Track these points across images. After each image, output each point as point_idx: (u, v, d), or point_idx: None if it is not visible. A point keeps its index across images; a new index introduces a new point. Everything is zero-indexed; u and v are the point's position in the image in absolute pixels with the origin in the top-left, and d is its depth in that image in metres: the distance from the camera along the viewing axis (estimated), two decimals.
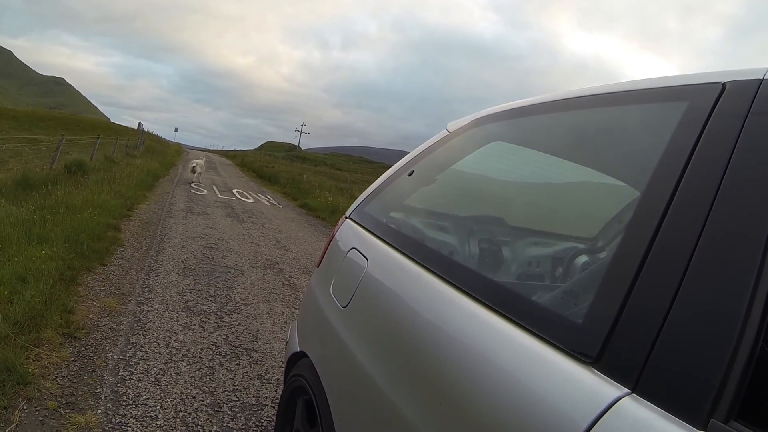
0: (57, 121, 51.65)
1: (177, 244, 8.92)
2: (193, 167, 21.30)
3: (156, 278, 6.65)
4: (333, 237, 2.90)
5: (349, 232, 2.74)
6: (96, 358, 4.12)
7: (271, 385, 4.27)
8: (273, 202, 19.96)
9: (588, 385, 1.10)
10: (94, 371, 3.90)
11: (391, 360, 1.79)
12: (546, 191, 2.79)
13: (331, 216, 17.07)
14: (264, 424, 3.64)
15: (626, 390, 1.04)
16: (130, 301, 5.63)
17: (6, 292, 4.62)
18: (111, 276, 6.35)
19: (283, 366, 2.87)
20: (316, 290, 2.71)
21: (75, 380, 3.72)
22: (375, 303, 2.09)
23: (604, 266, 1.31)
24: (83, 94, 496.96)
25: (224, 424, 3.53)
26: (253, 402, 3.93)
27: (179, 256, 8.09)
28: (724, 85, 1.29)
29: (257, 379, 4.33)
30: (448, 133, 2.65)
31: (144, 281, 6.42)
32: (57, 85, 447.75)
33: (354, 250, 2.49)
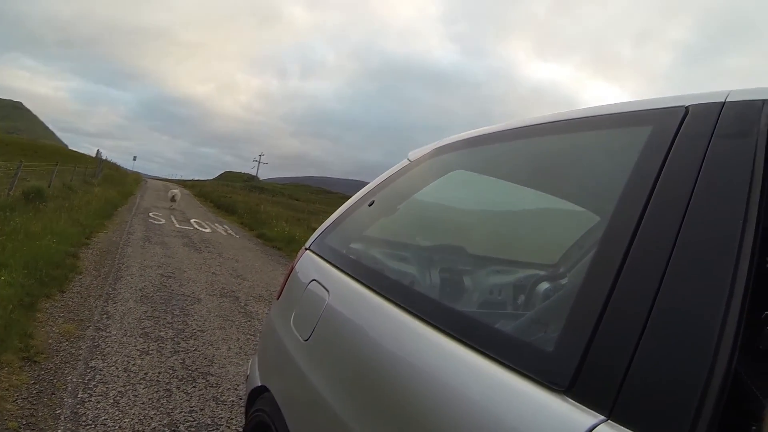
0: (14, 147, 50.62)
1: (135, 272, 8.92)
2: (173, 196, 25.44)
3: (114, 305, 6.67)
4: (293, 269, 2.79)
5: (309, 264, 2.66)
6: (56, 381, 4.17)
7: (226, 406, 4.37)
8: (230, 232, 19.92)
9: (561, 414, 1.06)
10: (53, 393, 3.96)
11: (356, 394, 1.72)
12: (506, 219, 2.78)
13: (287, 246, 17.12)
14: None
15: (601, 417, 1.00)
16: (88, 326, 5.66)
17: None
18: (70, 303, 6.36)
19: (244, 401, 2.81)
20: (276, 323, 2.61)
21: (35, 402, 3.78)
22: (337, 336, 2.02)
23: (572, 292, 1.27)
24: (41, 119, 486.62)
25: None
26: (209, 422, 4.02)
27: (137, 284, 8.09)
28: (687, 108, 1.29)
29: (213, 400, 4.42)
30: (408, 162, 2.60)
31: (102, 308, 6.44)
32: (15, 110, 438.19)
33: (314, 282, 2.40)
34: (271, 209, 31.50)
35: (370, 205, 2.60)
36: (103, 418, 3.74)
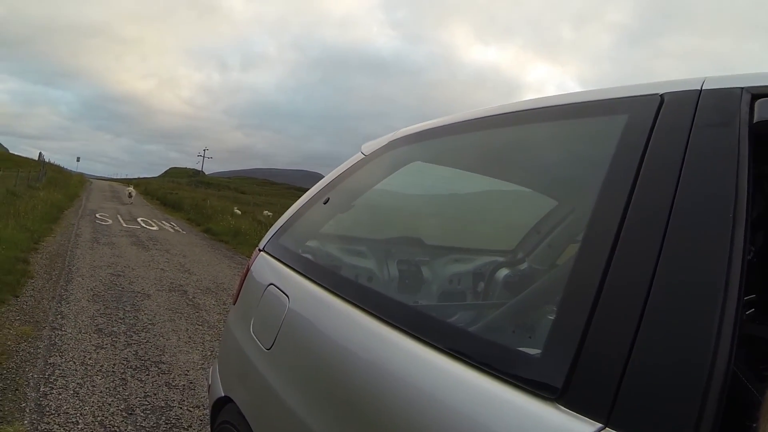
0: None
1: (85, 273, 9.08)
2: (129, 193, 30.60)
3: (67, 306, 6.88)
4: (248, 272, 2.65)
5: (265, 267, 2.52)
6: (18, 378, 4.44)
7: (178, 389, 4.71)
8: (177, 228, 19.98)
9: (555, 424, 0.99)
10: (17, 389, 4.23)
11: (326, 404, 1.63)
12: (463, 208, 2.76)
13: (233, 239, 17.39)
14: (173, 421, 4.08)
15: (598, 425, 0.93)
16: (44, 327, 5.88)
17: None
18: (24, 306, 6.55)
19: (208, 411, 2.69)
20: (235, 330, 2.47)
21: (0, 398, 4.05)
22: (301, 344, 1.91)
23: (558, 293, 1.20)
24: None
25: (138, 424, 3.96)
26: (163, 405, 4.36)
27: (88, 284, 8.28)
28: (662, 96, 1.24)
29: (165, 386, 4.75)
30: (363, 156, 2.48)
31: (56, 309, 6.65)
32: None
33: (272, 286, 2.28)
34: (217, 204, 31.43)
35: (325, 203, 2.50)
36: (65, 407, 4.04)
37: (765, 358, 1.67)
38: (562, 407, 0.99)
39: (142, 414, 4.14)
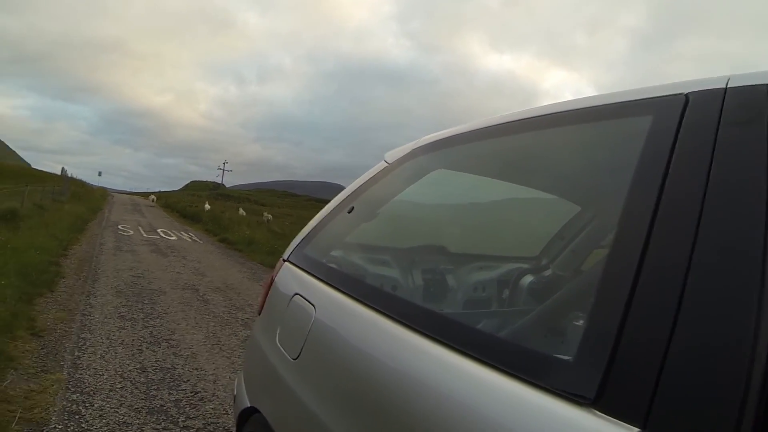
0: None
1: (110, 274, 10.49)
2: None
3: (95, 299, 8.26)
4: (272, 282, 2.68)
5: (290, 277, 2.54)
6: (57, 347, 5.77)
7: (182, 357, 6.01)
8: (195, 238, 21.52)
9: (590, 429, 0.97)
10: (57, 353, 5.56)
11: (355, 414, 1.63)
12: (487, 215, 2.74)
13: (247, 247, 18.89)
14: (176, 377, 5.35)
15: (635, 429, 0.91)
16: (76, 313, 7.25)
17: None
18: (59, 298, 7.93)
19: (234, 421, 2.74)
20: (261, 340, 2.50)
21: (44, 358, 5.37)
22: (329, 353, 1.91)
23: (589, 298, 1.20)
24: (1, 138, 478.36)
25: (148, 377, 5.25)
26: (168, 366, 5.65)
27: (112, 283, 9.66)
28: (687, 96, 1.23)
29: (172, 355, 6.05)
30: (386, 164, 2.48)
31: (86, 301, 8.02)
32: None
33: (298, 296, 2.29)
34: (234, 215, 32.78)
35: (349, 212, 2.49)
36: (94, 365, 5.36)
37: None
38: (598, 412, 0.97)
39: (152, 371, 5.44)
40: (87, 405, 4.41)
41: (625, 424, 0.92)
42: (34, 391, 4.54)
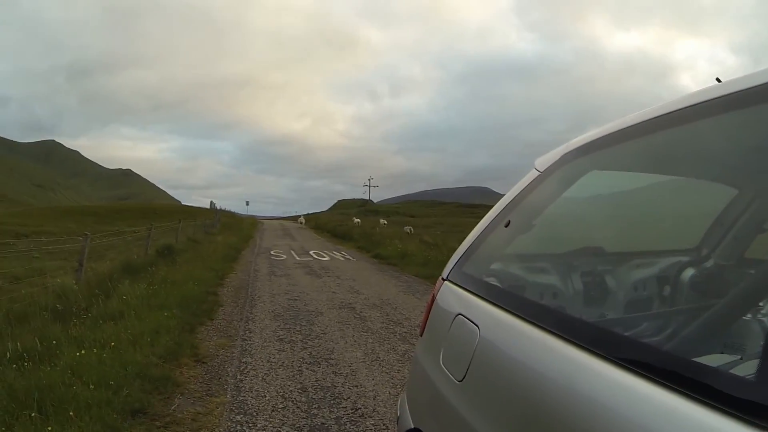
0: (134, 212, 56.29)
1: (266, 299, 11.18)
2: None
3: (253, 324, 8.81)
4: (432, 302, 2.73)
5: (451, 296, 2.58)
6: (220, 371, 6.25)
7: (342, 376, 6.26)
8: (348, 257, 22.35)
9: None
10: (220, 378, 6.01)
11: None
12: (642, 210, 2.70)
13: (401, 261, 19.43)
14: (336, 398, 5.58)
15: None
16: (236, 339, 7.77)
17: (149, 339, 6.74)
18: (219, 326, 8.55)
19: None
20: (424, 362, 2.55)
21: (209, 383, 5.83)
22: (496, 375, 1.92)
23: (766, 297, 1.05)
24: (151, 181, 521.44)
25: (309, 396, 5.52)
26: (329, 385, 5.91)
27: (269, 307, 10.27)
28: None
29: (332, 374, 6.32)
30: (538, 172, 2.50)
31: (245, 326, 8.58)
32: (126, 177, 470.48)
33: (461, 316, 2.31)
34: (385, 230, 33.47)
35: (506, 226, 2.51)
36: (256, 387, 5.73)
37: None
38: None
39: (312, 390, 5.72)
40: (251, 425, 4.73)
41: None
42: (200, 413, 4.95)
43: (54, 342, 6.19)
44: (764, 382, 0.99)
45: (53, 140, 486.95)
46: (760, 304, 1.62)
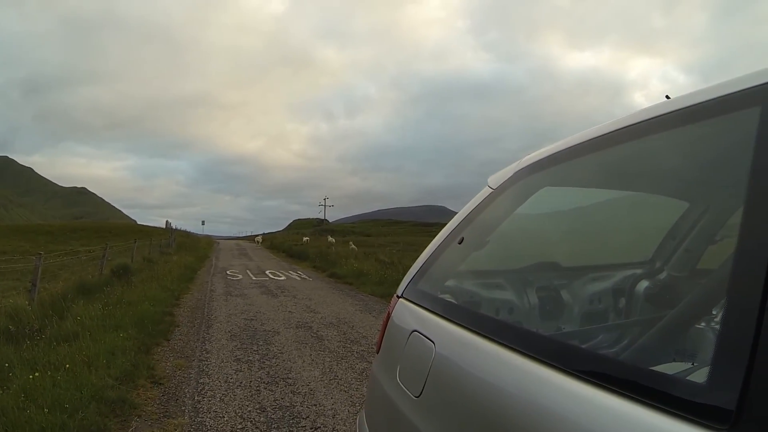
0: (89, 231, 55.13)
1: (222, 319, 11.10)
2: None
3: (210, 344, 8.75)
4: (388, 319, 2.74)
5: (406, 313, 2.59)
6: (177, 392, 6.21)
7: (300, 395, 6.27)
8: (304, 276, 22.30)
9: None
10: (177, 399, 5.97)
11: None
12: (596, 224, 2.75)
13: (357, 279, 19.51)
14: (295, 417, 5.58)
15: None
16: (193, 359, 7.72)
17: (104, 361, 6.66)
18: (175, 346, 8.47)
19: None
20: (381, 379, 2.55)
21: (166, 404, 5.80)
22: (453, 389, 1.93)
23: (715, 305, 1.15)
24: (107, 200, 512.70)
25: (268, 416, 5.53)
26: (287, 404, 5.92)
27: (225, 327, 10.21)
28: None
29: (291, 393, 6.33)
30: (491, 189, 2.50)
31: (201, 347, 8.52)
32: (80, 195, 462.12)
33: (416, 333, 2.33)
34: (341, 249, 33.53)
35: (460, 243, 2.53)
36: (214, 408, 5.71)
37: None
38: None
39: (271, 410, 5.72)
40: None
41: None
42: None
43: (6, 364, 6.08)
44: (716, 386, 1.02)
45: (6, 156, 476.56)
46: (713, 312, 1.63)
